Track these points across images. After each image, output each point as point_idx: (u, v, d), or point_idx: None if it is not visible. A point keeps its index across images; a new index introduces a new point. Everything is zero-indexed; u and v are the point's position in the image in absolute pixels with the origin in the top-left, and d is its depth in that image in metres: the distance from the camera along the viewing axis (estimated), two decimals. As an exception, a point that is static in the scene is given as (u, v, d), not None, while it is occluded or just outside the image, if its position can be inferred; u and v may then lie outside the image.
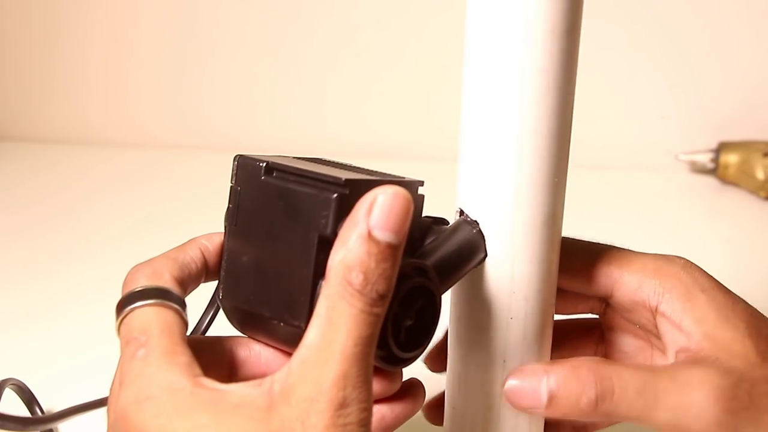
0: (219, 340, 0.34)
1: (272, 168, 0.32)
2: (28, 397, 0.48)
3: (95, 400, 0.45)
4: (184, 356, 0.28)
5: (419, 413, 0.40)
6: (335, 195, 0.29)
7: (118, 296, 0.31)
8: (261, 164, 0.32)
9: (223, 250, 0.33)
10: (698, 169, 0.87)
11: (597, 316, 0.40)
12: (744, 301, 0.36)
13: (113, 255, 0.75)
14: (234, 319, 0.33)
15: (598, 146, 0.90)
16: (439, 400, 0.40)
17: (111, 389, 0.29)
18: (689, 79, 0.87)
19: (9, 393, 0.47)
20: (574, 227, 0.48)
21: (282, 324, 0.31)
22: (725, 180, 0.84)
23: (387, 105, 0.97)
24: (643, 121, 0.90)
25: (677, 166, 0.88)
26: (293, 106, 0.99)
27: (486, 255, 0.33)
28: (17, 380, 0.48)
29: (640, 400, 0.32)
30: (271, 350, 0.34)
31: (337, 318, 0.26)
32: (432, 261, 0.31)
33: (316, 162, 0.34)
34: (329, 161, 0.35)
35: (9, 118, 1.08)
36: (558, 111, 0.31)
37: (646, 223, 0.78)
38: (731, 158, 0.83)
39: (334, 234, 0.28)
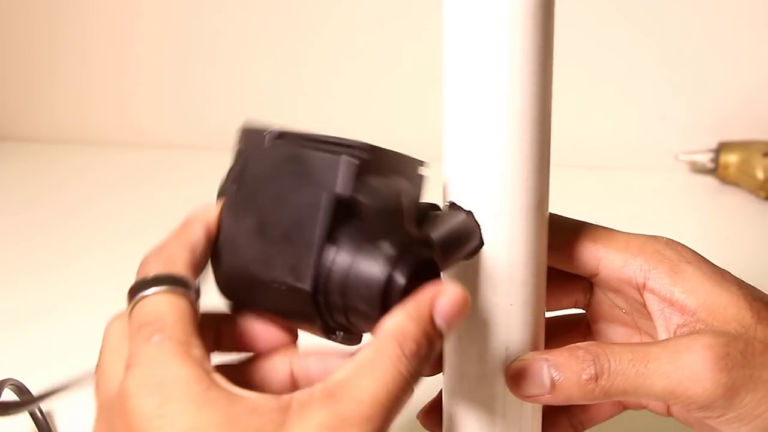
0: (206, 314, 0.32)
1: (284, 133, 0.31)
2: (27, 397, 0.48)
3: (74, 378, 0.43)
4: (198, 348, 0.28)
5: (414, 420, 0.40)
6: (354, 159, 0.29)
7: (117, 296, 0.31)
8: (271, 129, 0.31)
9: (220, 215, 0.32)
10: (698, 170, 0.87)
11: (582, 311, 0.40)
12: (729, 271, 0.36)
13: (113, 255, 0.75)
14: (227, 286, 0.32)
15: (598, 146, 0.89)
16: (434, 405, 0.39)
17: (104, 370, 0.29)
18: (689, 79, 0.87)
19: (8, 393, 0.47)
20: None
21: (284, 288, 0.29)
22: (725, 180, 0.84)
23: (388, 105, 0.97)
24: (643, 121, 0.90)
25: (677, 165, 0.88)
26: (293, 107, 0.99)
27: (482, 244, 0.33)
28: (16, 380, 0.48)
29: (633, 369, 0.32)
30: (260, 323, 0.33)
31: (377, 369, 0.26)
32: (436, 237, 0.31)
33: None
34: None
35: (9, 118, 1.08)
36: (542, 94, 0.31)
37: (646, 223, 0.77)
38: (731, 158, 0.82)
39: (352, 196, 0.28)
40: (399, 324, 0.27)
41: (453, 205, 0.33)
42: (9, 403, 0.39)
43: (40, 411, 0.48)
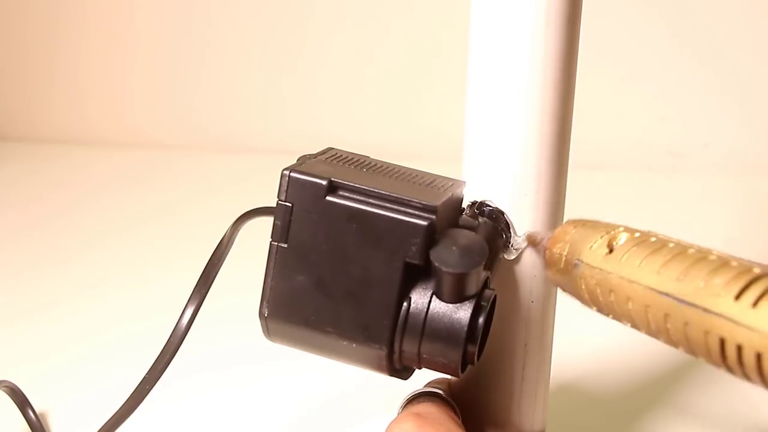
0: None
1: (336, 186, 0.30)
2: (21, 399, 0.47)
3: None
4: None
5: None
6: (427, 223, 0.29)
7: (115, 296, 0.31)
8: (322, 182, 0.30)
9: (267, 266, 0.32)
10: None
11: None
12: None
13: (111, 254, 0.75)
14: (281, 336, 0.33)
15: (598, 146, 0.89)
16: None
17: None
18: (689, 78, 0.87)
19: (1, 395, 0.47)
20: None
21: (354, 345, 0.30)
22: None
23: (383, 105, 0.97)
24: (643, 121, 0.90)
25: (676, 163, 0.87)
26: (290, 107, 0.99)
27: (507, 246, 0.33)
28: (9, 382, 0.48)
29: None
30: None
31: None
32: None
33: (345, 161, 0.33)
34: (355, 159, 0.34)
35: (9, 118, 1.08)
36: (566, 95, 0.32)
37: (646, 223, 0.77)
38: None
39: (424, 262, 0.29)
40: None
41: (480, 209, 0.34)
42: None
43: (33, 412, 0.48)
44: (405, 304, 0.30)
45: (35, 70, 1.06)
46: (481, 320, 0.29)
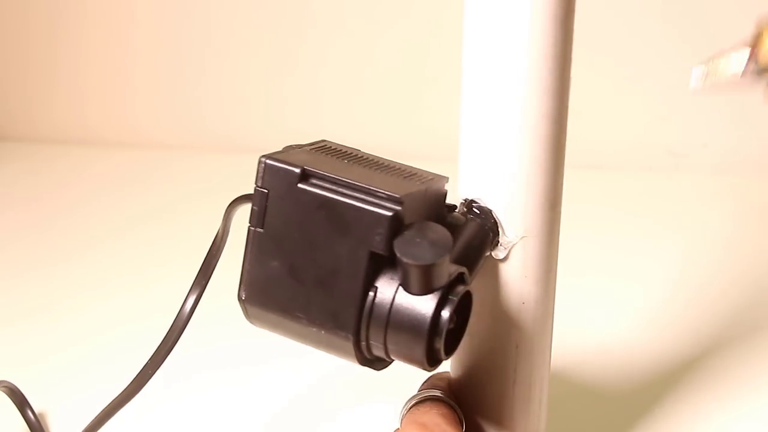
0: None
1: (308, 175, 0.31)
2: (20, 400, 0.47)
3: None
4: None
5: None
6: (391, 213, 0.29)
7: (116, 296, 0.31)
8: (295, 170, 0.31)
9: (245, 251, 0.32)
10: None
11: None
12: None
13: (111, 254, 0.75)
14: (259, 320, 0.33)
15: (598, 146, 0.89)
16: None
17: None
18: (689, 78, 0.87)
19: (0, 396, 0.47)
20: (574, 227, 0.48)
21: (323, 332, 0.31)
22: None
23: (383, 105, 0.97)
24: (643, 121, 0.90)
25: (676, 163, 0.87)
26: (290, 107, 0.99)
27: (495, 244, 0.33)
28: (8, 382, 0.48)
29: None
30: None
31: None
32: (454, 257, 0.31)
33: (329, 152, 0.34)
34: (342, 150, 0.35)
35: (9, 118, 1.08)
36: (561, 93, 0.32)
37: (646, 223, 0.77)
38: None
39: (388, 252, 0.29)
40: None
41: (470, 207, 0.34)
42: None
43: (33, 412, 0.48)
44: (371, 293, 0.30)
45: (36, 70, 1.06)
46: (445, 313, 0.29)
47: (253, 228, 0.32)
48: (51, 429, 0.50)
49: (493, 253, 0.34)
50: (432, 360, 0.30)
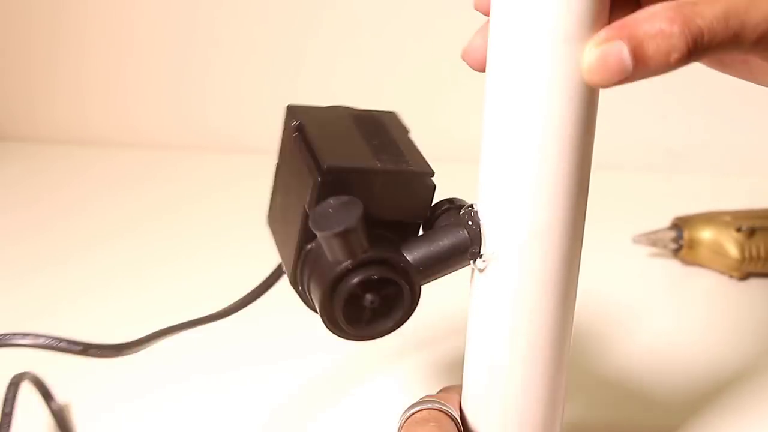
0: None
1: (301, 128, 0.34)
2: (44, 391, 0.48)
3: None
4: None
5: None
6: (318, 179, 0.31)
7: (115, 296, 0.32)
8: (296, 121, 0.35)
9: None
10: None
11: None
12: None
13: (112, 255, 0.75)
14: (270, 228, 0.38)
15: (598, 146, 0.90)
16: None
17: None
18: (689, 78, 0.88)
19: (25, 386, 0.47)
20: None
21: (284, 267, 0.35)
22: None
23: (387, 105, 0.97)
24: (643, 121, 0.91)
25: (676, 163, 0.88)
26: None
27: (477, 254, 0.33)
28: (33, 374, 0.48)
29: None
30: None
31: None
32: (417, 255, 0.33)
33: (350, 118, 0.37)
34: (367, 118, 0.38)
35: (9, 118, 1.08)
36: (585, 115, 0.33)
37: (646, 223, 0.78)
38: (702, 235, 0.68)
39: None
40: None
41: (467, 212, 0.34)
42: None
43: (56, 403, 0.48)
44: (308, 246, 0.33)
45: (37, 70, 1.06)
46: (346, 287, 0.30)
47: (277, 162, 0.37)
48: (74, 419, 0.51)
49: (473, 264, 0.34)
50: (332, 322, 0.32)
